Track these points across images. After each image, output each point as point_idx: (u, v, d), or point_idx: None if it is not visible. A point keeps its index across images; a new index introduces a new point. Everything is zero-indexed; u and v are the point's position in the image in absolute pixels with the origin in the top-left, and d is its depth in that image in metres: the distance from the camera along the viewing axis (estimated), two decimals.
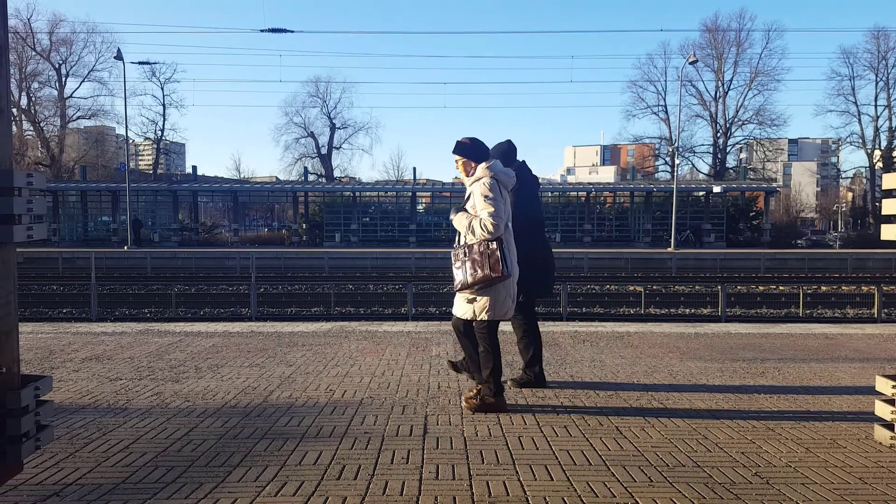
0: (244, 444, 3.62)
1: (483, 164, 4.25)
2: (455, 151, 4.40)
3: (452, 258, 4.25)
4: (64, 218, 43.45)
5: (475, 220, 4.14)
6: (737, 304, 17.38)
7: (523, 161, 4.91)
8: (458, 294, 4.32)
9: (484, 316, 4.18)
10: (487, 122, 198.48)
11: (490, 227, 4.06)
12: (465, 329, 4.43)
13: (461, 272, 4.17)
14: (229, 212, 53.23)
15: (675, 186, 36.51)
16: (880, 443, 3.68)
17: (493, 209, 4.07)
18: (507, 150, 4.79)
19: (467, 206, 4.29)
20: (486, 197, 4.11)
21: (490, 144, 4.60)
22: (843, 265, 29.50)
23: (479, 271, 4.06)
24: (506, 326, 5.24)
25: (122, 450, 3.52)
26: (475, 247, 4.12)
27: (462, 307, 4.28)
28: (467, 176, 4.33)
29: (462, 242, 4.27)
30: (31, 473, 3.15)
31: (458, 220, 4.26)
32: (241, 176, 74.20)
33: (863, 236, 44.76)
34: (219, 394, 4.71)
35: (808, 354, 6.36)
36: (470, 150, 4.34)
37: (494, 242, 4.06)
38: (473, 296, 4.18)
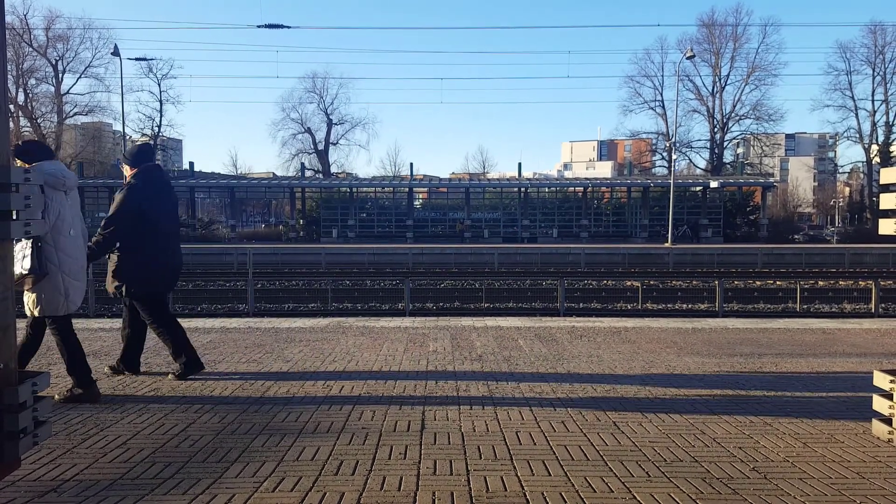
0: (242, 440, 3.63)
1: (32, 165, 4.43)
2: (14, 154, 4.67)
3: None
4: None
5: None
6: (734, 299, 17.40)
7: (157, 164, 5.23)
8: None
9: (36, 312, 4.43)
10: (485, 117, 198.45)
11: None
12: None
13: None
14: (226, 208, 53.15)
15: (672, 181, 36.56)
16: (878, 437, 3.69)
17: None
18: (136, 153, 5.12)
19: None
20: None
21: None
22: (840, 260, 29.55)
23: (17, 268, 4.24)
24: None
25: (119, 446, 3.52)
26: (16, 245, 4.31)
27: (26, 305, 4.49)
28: None
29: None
30: (28, 469, 3.15)
31: None
32: (238, 172, 74.09)
33: (860, 231, 44.86)
34: (216, 389, 4.70)
35: (805, 349, 6.38)
36: (23, 152, 4.59)
37: (30, 241, 4.23)
38: (26, 292, 4.38)
